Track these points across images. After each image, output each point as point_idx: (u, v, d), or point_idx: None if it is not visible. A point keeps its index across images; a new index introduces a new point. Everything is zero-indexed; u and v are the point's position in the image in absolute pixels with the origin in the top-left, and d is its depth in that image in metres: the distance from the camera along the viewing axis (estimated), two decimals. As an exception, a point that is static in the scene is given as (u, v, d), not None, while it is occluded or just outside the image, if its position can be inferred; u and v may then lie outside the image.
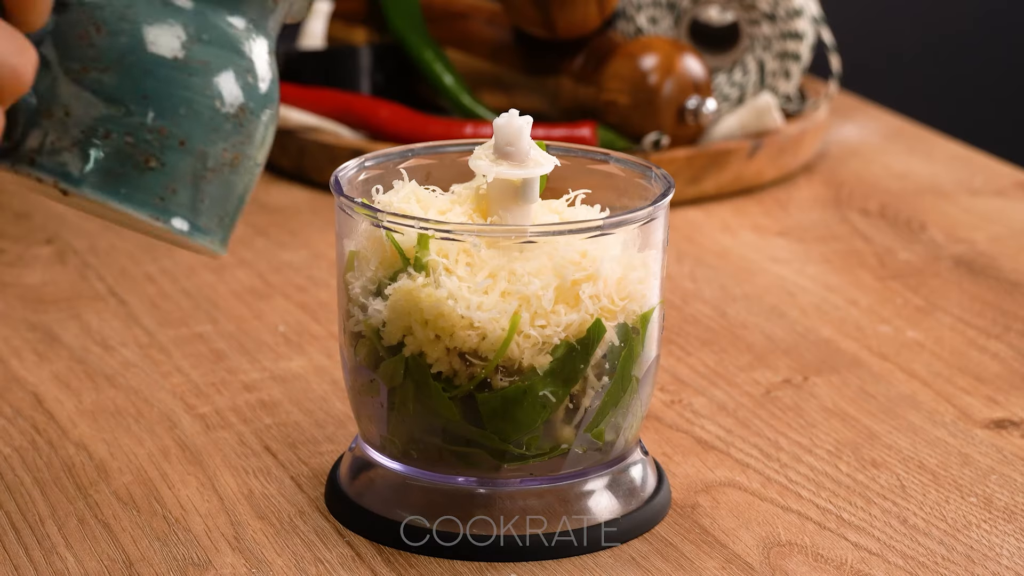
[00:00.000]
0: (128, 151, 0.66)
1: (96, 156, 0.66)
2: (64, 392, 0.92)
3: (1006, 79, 2.09)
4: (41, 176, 0.65)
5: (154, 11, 0.67)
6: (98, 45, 0.66)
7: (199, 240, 0.68)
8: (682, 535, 0.79)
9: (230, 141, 0.68)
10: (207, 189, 0.68)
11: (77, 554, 0.77)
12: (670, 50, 1.21)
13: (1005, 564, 0.77)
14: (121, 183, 0.66)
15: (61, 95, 0.65)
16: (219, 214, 0.69)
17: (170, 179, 0.66)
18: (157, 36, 0.66)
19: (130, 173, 0.66)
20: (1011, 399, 0.93)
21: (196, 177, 0.67)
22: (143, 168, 0.66)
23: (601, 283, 0.75)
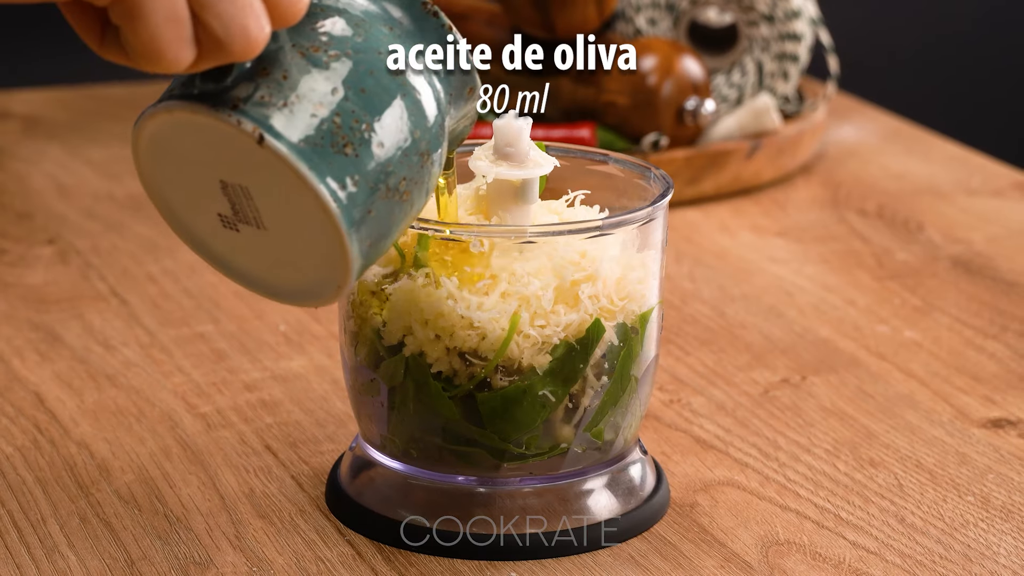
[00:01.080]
0: (332, 130, 0.67)
1: (302, 121, 0.67)
2: (66, 391, 0.92)
3: (1004, 80, 2.09)
4: (242, 120, 0.66)
5: (386, 31, 0.70)
6: (332, 34, 0.68)
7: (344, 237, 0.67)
8: (681, 534, 0.79)
9: (410, 175, 0.69)
10: (377, 204, 0.68)
11: (79, 553, 0.77)
12: (669, 51, 1.21)
13: (1002, 563, 0.77)
14: (315, 154, 0.67)
15: (284, 61, 0.67)
16: (372, 236, 0.69)
17: (357, 171, 0.67)
18: (386, 47, 0.69)
19: (327, 149, 0.67)
20: (1008, 398, 0.93)
21: (376, 186, 0.68)
22: (339, 150, 0.67)
23: (600, 283, 0.75)
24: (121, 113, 1.39)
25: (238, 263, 0.71)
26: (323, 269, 0.69)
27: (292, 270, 0.70)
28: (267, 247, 0.70)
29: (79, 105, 1.41)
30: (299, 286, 0.70)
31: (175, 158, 0.69)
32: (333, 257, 0.68)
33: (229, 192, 0.69)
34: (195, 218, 0.71)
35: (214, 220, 0.70)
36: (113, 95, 1.44)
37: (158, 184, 0.71)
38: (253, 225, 0.69)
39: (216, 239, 0.71)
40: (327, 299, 0.70)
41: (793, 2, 1.26)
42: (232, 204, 0.69)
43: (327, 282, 0.69)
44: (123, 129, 1.35)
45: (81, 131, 1.35)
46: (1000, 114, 2.08)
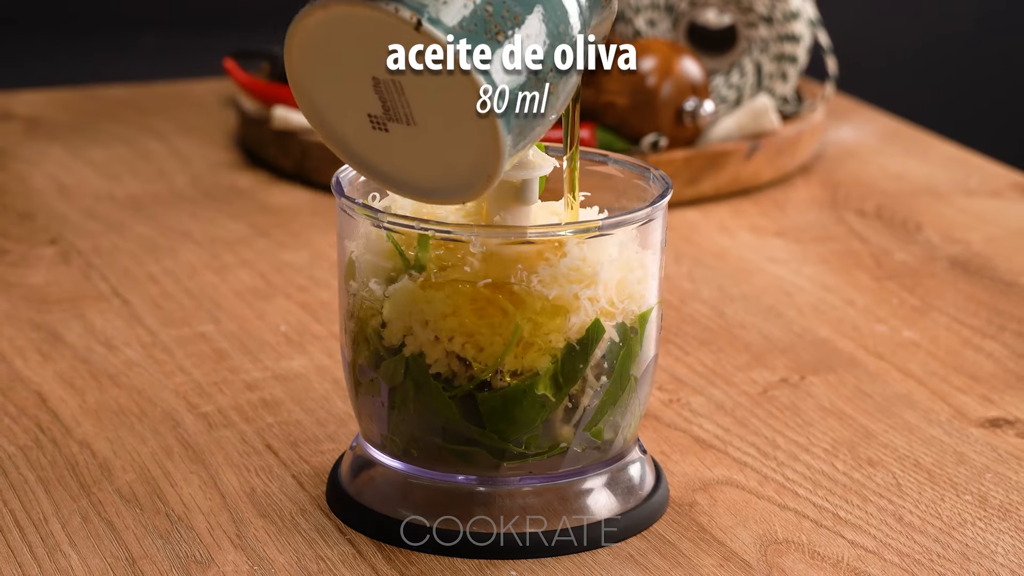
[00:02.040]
0: (484, 17, 0.69)
1: (456, 9, 0.69)
2: (68, 391, 0.92)
3: (1002, 81, 2.09)
4: (400, 8, 0.68)
5: None
6: None
7: (498, 123, 0.69)
8: (680, 533, 0.80)
9: (554, 71, 0.71)
10: (528, 93, 0.70)
11: (80, 552, 0.77)
12: (668, 52, 1.21)
13: (1000, 561, 0.78)
14: (466, 39, 0.69)
15: None
16: (521, 125, 0.70)
17: (508, 59, 0.69)
18: None
19: (480, 35, 0.69)
20: (1006, 398, 0.93)
21: (526, 75, 0.70)
22: (492, 36, 0.69)
23: (601, 287, 0.76)
24: (122, 114, 1.39)
25: (386, 164, 0.72)
26: (473, 161, 0.71)
27: (441, 166, 0.72)
28: (417, 144, 0.71)
29: (80, 106, 1.41)
30: (448, 181, 0.72)
31: (328, 57, 0.71)
32: (484, 146, 0.70)
33: (381, 89, 0.70)
34: (344, 120, 0.72)
35: (363, 122, 0.72)
36: (114, 96, 1.44)
37: (308, 87, 0.72)
38: (404, 122, 0.71)
39: (364, 141, 0.72)
40: (477, 191, 0.72)
41: (792, 3, 1.26)
42: (383, 102, 0.70)
43: (477, 174, 0.71)
44: (124, 130, 1.36)
45: (82, 132, 1.35)
46: (998, 115, 2.08)
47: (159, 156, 1.30)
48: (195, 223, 1.17)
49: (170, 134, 1.35)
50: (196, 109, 1.41)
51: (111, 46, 1.88)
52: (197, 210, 1.19)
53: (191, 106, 1.42)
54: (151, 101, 1.43)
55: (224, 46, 1.37)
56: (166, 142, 1.33)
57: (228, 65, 1.31)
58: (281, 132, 1.24)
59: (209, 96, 1.44)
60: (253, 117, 1.28)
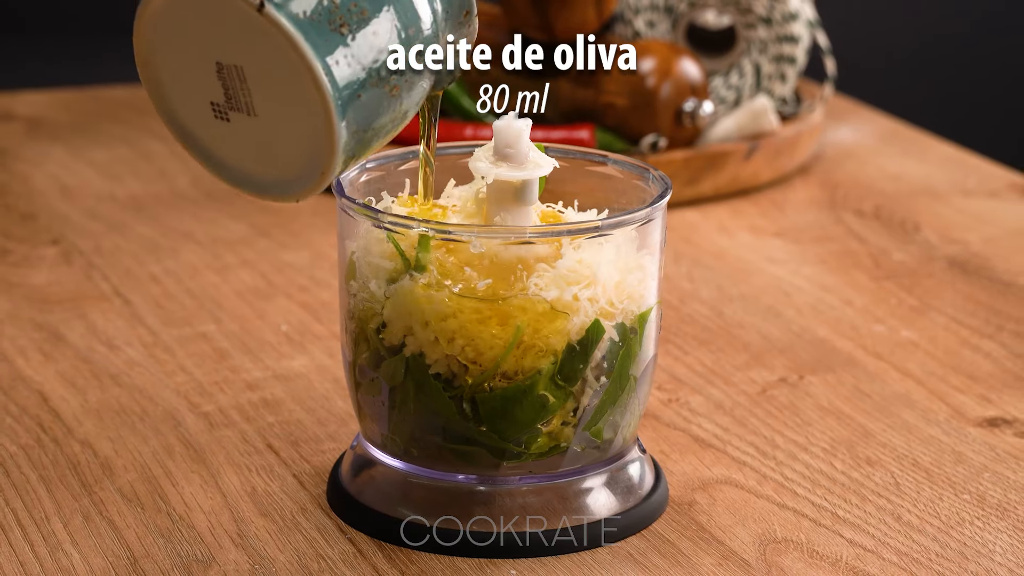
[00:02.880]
0: (330, 8, 0.69)
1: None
2: (69, 391, 0.92)
3: (999, 81, 2.09)
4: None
5: None
6: None
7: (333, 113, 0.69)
8: (679, 532, 0.80)
9: (400, 71, 0.71)
10: (368, 90, 0.70)
11: (82, 551, 0.77)
12: (667, 53, 1.22)
13: (998, 560, 0.78)
14: (311, 28, 0.69)
15: None
16: (359, 123, 0.70)
17: (349, 52, 0.69)
18: None
19: (323, 26, 0.69)
20: (1004, 398, 0.93)
21: (367, 71, 0.70)
22: (336, 28, 0.69)
23: (600, 288, 0.76)
24: (123, 115, 1.39)
25: (225, 155, 0.73)
26: (309, 156, 0.71)
27: (278, 160, 0.72)
28: (256, 136, 0.71)
29: (82, 107, 1.41)
30: (283, 176, 0.72)
31: (175, 39, 0.71)
32: (320, 141, 0.70)
33: (224, 75, 0.70)
34: (187, 107, 0.72)
35: (206, 109, 0.72)
36: (115, 97, 1.44)
37: (155, 70, 0.72)
38: (244, 112, 0.71)
39: (205, 129, 0.72)
40: (310, 187, 0.72)
41: (790, 5, 1.27)
42: (225, 89, 0.71)
43: (312, 169, 0.71)
44: (125, 131, 1.36)
45: (84, 133, 1.35)
46: (996, 115, 2.08)
47: (160, 156, 1.30)
48: (196, 223, 1.17)
49: (171, 135, 1.35)
50: (197, 110, 1.41)
51: (112, 47, 1.87)
52: (198, 210, 1.19)
53: (192, 107, 1.42)
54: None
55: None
56: (167, 143, 1.33)
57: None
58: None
59: (210, 97, 1.44)
60: (254, 118, 1.28)
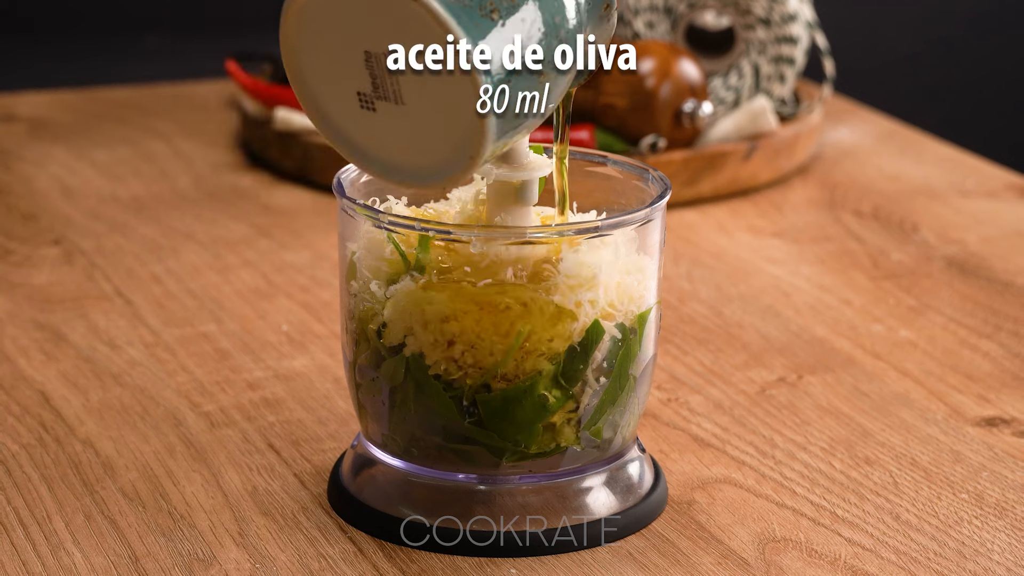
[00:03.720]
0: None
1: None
2: (71, 390, 0.93)
3: (997, 82, 2.09)
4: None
5: None
6: None
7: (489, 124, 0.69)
8: (679, 531, 0.80)
9: (548, 60, 0.71)
10: (515, 78, 0.70)
11: (84, 550, 0.78)
12: (667, 54, 1.22)
13: (996, 559, 0.78)
14: (463, 13, 0.69)
15: None
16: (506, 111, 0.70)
17: (500, 37, 0.69)
18: None
19: (475, 11, 0.69)
20: (1002, 397, 0.94)
21: (516, 60, 0.70)
22: (486, 14, 0.69)
23: (600, 289, 0.76)
24: (125, 116, 1.40)
25: (371, 145, 0.73)
26: (458, 142, 0.70)
27: (424, 148, 0.72)
28: (403, 124, 0.71)
29: (84, 108, 1.41)
30: (429, 164, 0.72)
31: (322, 30, 0.71)
32: (469, 128, 0.70)
33: (372, 64, 0.70)
34: (333, 98, 0.72)
35: (351, 100, 0.72)
36: (117, 98, 1.44)
37: (301, 63, 0.72)
38: (392, 101, 0.71)
39: (350, 120, 0.72)
40: (458, 175, 0.71)
41: (789, 6, 1.27)
42: (373, 78, 0.71)
43: (459, 157, 0.71)
44: (127, 131, 1.36)
45: (86, 133, 1.35)
46: (993, 116, 2.08)
47: (162, 157, 1.30)
48: (197, 224, 1.17)
49: (173, 135, 1.35)
50: (198, 111, 1.41)
51: (114, 48, 1.88)
52: (199, 211, 1.19)
53: (194, 108, 1.42)
54: (154, 103, 1.43)
55: (226, 48, 1.38)
56: (169, 143, 1.33)
57: (230, 67, 1.31)
58: (283, 133, 1.25)
59: (211, 98, 1.44)
60: (255, 118, 1.28)
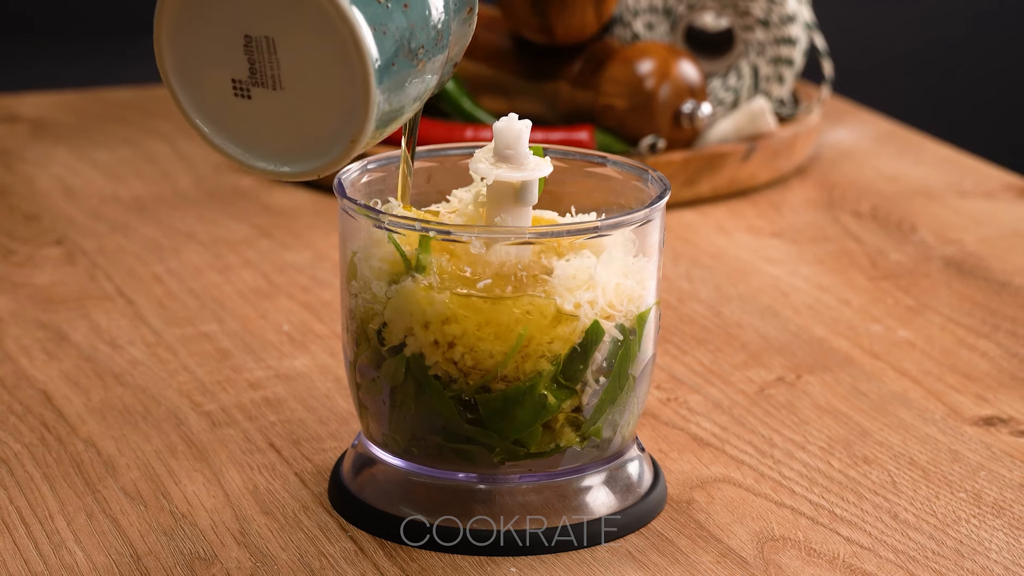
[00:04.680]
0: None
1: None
2: (73, 390, 0.93)
3: (995, 83, 2.09)
4: None
5: None
6: None
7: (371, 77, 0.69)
8: (678, 530, 0.80)
9: (428, 46, 0.71)
10: (400, 61, 0.70)
11: (86, 548, 0.78)
12: (666, 55, 1.22)
13: (994, 558, 0.78)
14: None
15: None
16: (390, 93, 0.70)
17: (387, 21, 0.70)
18: None
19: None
20: (1000, 397, 0.94)
21: (400, 42, 0.70)
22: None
23: (600, 290, 0.76)
24: (127, 116, 1.40)
25: (245, 134, 0.72)
26: (337, 126, 0.70)
27: (303, 134, 0.71)
28: (279, 111, 0.71)
29: (86, 109, 1.41)
30: (308, 150, 0.71)
31: (201, 15, 0.70)
32: (352, 107, 0.70)
33: (252, 48, 0.70)
34: (206, 86, 0.72)
35: (226, 87, 0.71)
36: (119, 99, 1.44)
37: (174, 46, 0.71)
38: (269, 86, 0.71)
39: (224, 109, 0.72)
40: (337, 158, 0.71)
41: (788, 7, 1.27)
42: (251, 64, 0.70)
43: (339, 140, 0.71)
44: (129, 132, 1.36)
45: (88, 134, 1.35)
46: (992, 117, 2.08)
47: (163, 158, 1.31)
48: (199, 224, 1.17)
49: (174, 136, 1.35)
50: (199, 111, 1.41)
51: (115, 49, 1.88)
52: (201, 211, 1.19)
53: (194, 108, 1.42)
54: (155, 103, 1.43)
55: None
56: (170, 144, 1.33)
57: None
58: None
59: (211, 98, 1.44)
60: (255, 119, 1.28)
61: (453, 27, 0.73)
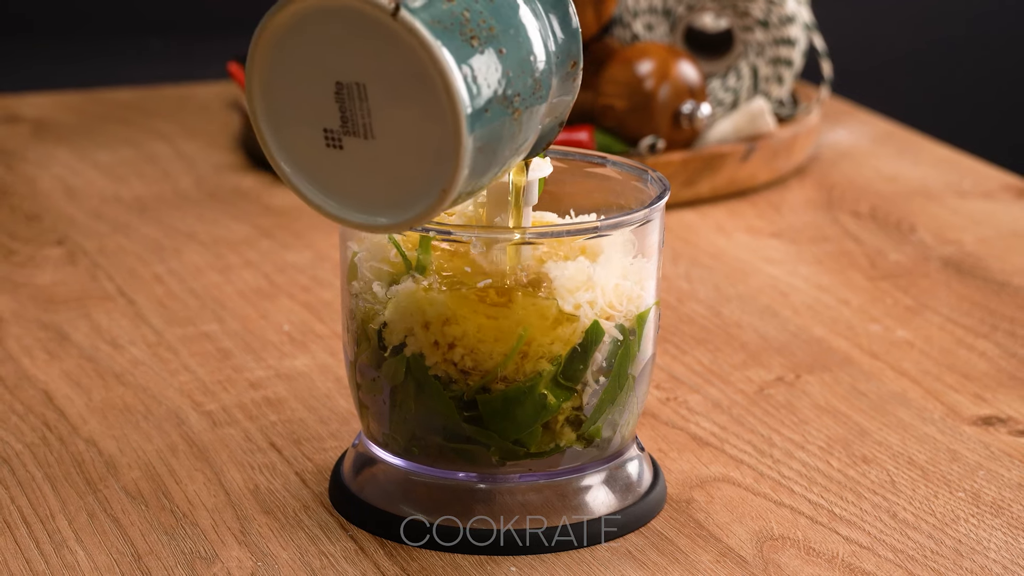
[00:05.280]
0: (461, 20, 0.68)
1: (435, 6, 0.68)
2: (74, 390, 0.93)
3: (993, 83, 2.10)
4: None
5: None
6: None
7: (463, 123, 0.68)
8: (677, 529, 0.80)
9: (524, 94, 0.70)
10: (493, 107, 0.68)
11: (87, 548, 0.78)
12: (666, 56, 1.22)
13: (993, 557, 0.78)
14: (444, 35, 0.67)
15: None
16: (483, 141, 0.69)
17: (480, 64, 0.68)
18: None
19: (455, 34, 0.68)
20: (998, 396, 0.94)
21: (492, 88, 0.69)
22: (467, 40, 0.68)
23: (599, 291, 0.76)
24: (128, 117, 1.40)
25: (338, 185, 0.71)
26: (428, 174, 0.69)
27: (394, 183, 0.70)
28: (370, 160, 0.70)
29: (87, 109, 1.41)
30: (401, 199, 0.70)
31: (293, 63, 0.69)
32: (444, 155, 0.68)
33: (343, 96, 0.69)
34: (299, 136, 0.71)
35: (318, 138, 0.70)
36: (120, 99, 1.45)
37: (269, 99, 0.71)
38: (361, 135, 0.69)
39: (315, 160, 0.71)
40: (430, 209, 0.69)
41: (787, 8, 1.27)
42: (342, 113, 0.69)
43: (430, 191, 0.69)
44: (130, 133, 1.36)
45: (89, 135, 1.35)
46: (990, 117, 2.08)
47: (164, 158, 1.31)
48: (200, 224, 1.17)
49: (175, 136, 1.35)
50: (200, 112, 1.41)
51: (117, 50, 1.88)
52: (201, 211, 1.20)
53: (196, 109, 1.42)
54: (156, 104, 1.43)
55: (228, 50, 1.38)
56: (171, 144, 1.34)
57: (232, 68, 1.31)
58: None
59: (213, 99, 1.45)
60: (255, 119, 1.28)
61: (554, 81, 0.72)
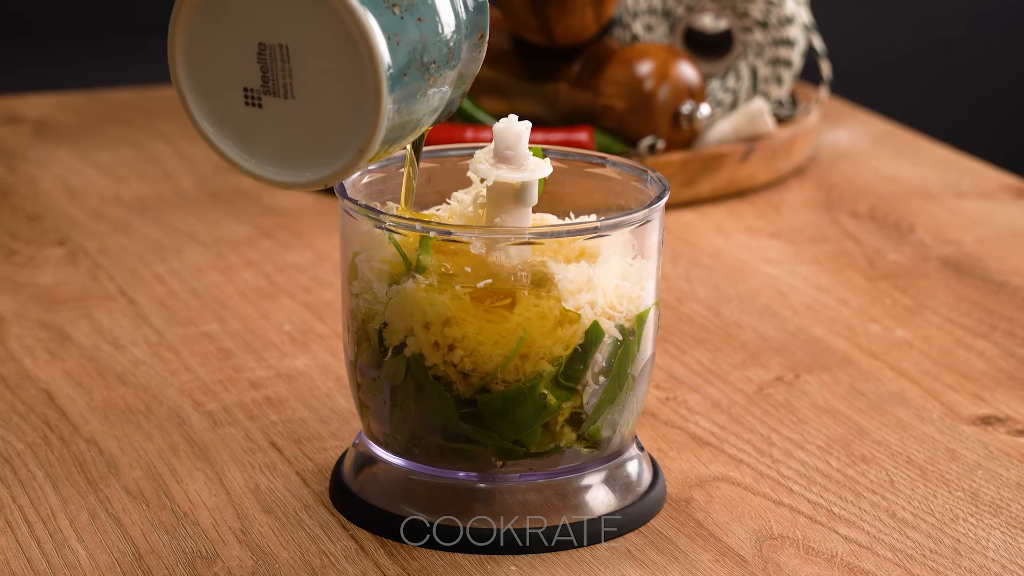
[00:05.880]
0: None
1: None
2: (75, 389, 0.93)
3: (992, 84, 2.10)
4: None
5: None
6: None
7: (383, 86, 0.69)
8: (677, 528, 0.80)
9: (439, 61, 0.71)
10: (411, 72, 0.70)
11: (88, 547, 0.78)
12: (665, 56, 1.22)
13: (991, 556, 0.78)
14: (367, 1, 0.69)
15: None
16: (400, 104, 0.70)
17: (400, 31, 0.70)
18: None
19: (378, 3, 0.70)
20: (997, 396, 0.94)
21: (412, 53, 0.70)
22: (388, 7, 0.70)
23: (599, 291, 0.76)
24: (129, 117, 1.40)
25: (254, 143, 0.72)
26: (345, 134, 0.70)
27: (310, 143, 0.71)
28: (288, 120, 0.71)
29: (88, 109, 1.41)
30: (315, 159, 0.71)
31: (217, 22, 0.70)
32: (362, 116, 0.70)
33: (265, 57, 0.70)
34: (219, 96, 0.72)
35: (237, 97, 0.72)
36: (121, 100, 1.45)
37: (191, 57, 0.72)
38: (280, 95, 0.71)
39: (234, 119, 0.72)
40: (345, 168, 0.71)
41: (787, 8, 1.27)
42: (263, 73, 0.71)
43: (347, 148, 0.71)
44: (131, 133, 1.36)
45: (90, 135, 1.35)
46: (989, 118, 2.09)
47: (165, 158, 1.31)
48: (200, 224, 1.17)
49: (176, 137, 1.35)
50: (200, 112, 1.41)
51: (118, 50, 1.88)
52: (202, 212, 1.20)
53: (195, 109, 1.42)
54: (157, 104, 1.43)
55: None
56: (172, 145, 1.34)
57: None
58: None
59: (212, 99, 1.45)
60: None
61: (464, 49, 0.73)
